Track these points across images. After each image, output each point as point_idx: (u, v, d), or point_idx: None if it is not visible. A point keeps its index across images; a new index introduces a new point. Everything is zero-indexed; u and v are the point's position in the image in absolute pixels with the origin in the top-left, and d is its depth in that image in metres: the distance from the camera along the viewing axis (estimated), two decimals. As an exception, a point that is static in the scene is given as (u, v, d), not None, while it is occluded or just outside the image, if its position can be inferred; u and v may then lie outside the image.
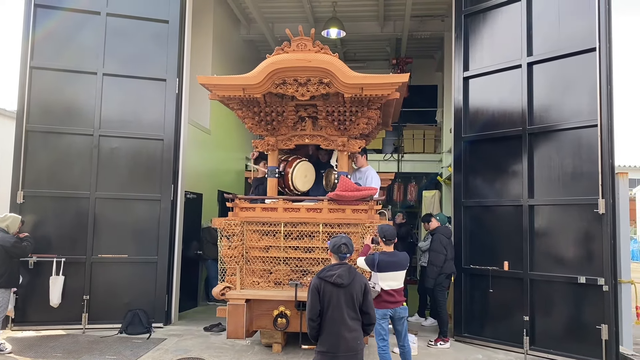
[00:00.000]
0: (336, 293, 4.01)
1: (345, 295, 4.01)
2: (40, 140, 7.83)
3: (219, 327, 7.76)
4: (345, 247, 4.18)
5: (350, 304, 4.02)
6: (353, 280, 4.06)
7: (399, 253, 5.57)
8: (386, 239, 5.48)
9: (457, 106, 7.91)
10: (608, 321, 6.13)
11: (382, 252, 5.47)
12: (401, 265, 5.48)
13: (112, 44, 8.12)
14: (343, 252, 4.17)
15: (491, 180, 7.49)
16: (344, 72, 5.87)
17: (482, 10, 7.72)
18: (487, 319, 7.32)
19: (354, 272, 4.14)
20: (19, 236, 6.97)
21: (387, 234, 5.48)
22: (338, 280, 4.00)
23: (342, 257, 4.18)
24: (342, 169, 6.61)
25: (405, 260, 5.55)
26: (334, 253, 4.22)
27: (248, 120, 6.62)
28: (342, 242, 4.19)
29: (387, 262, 5.37)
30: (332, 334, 3.98)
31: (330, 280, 4.02)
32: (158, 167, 8.18)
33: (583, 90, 6.56)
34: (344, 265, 4.13)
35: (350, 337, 3.98)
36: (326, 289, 4.02)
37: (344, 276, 4.03)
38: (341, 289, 4.01)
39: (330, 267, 4.14)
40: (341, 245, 4.18)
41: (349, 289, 4.02)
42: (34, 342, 6.96)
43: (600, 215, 6.25)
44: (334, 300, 4.00)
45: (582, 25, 6.60)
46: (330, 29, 11.68)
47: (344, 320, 3.98)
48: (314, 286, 4.09)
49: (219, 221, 6.35)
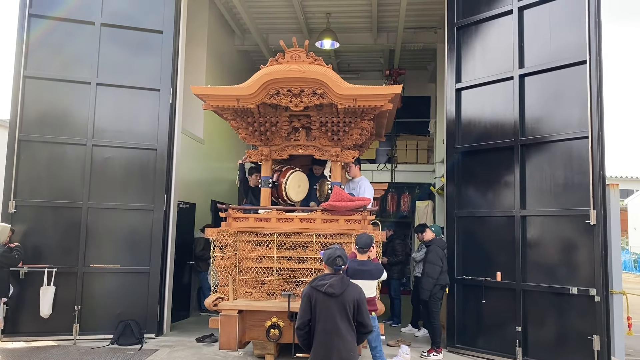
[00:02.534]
0: (328, 303, 4.00)
1: (338, 306, 4.00)
2: (33, 150, 7.81)
3: (212, 338, 7.71)
4: (341, 260, 4.18)
5: (343, 314, 4.00)
6: (346, 291, 4.05)
7: (372, 263, 5.61)
8: (359, 247, 5.54)
9: (450, 117, 7.97)
10: (600, 332, 6.16)
11: (353, 260, 5.52)
12: (371, 275, 5.51)
13: (106, 54, 8.13)
14: (338, 264, 4.17)
15: (484, 191, 7.53)
16: (338, 83, 5.90)
17: (474, 22, 7.80)
18: (479, 329, 7.33)
19: (346, 282, 4.13)
20: (9, 246, 6.92)
21: (360, 243, 5.54)
22: (329, 290, 3.99)
23: (336, 269, 4.18)
24: (335, 180, 6.63)
25: (376, 271, 5.57)
26: (328, 265, 4.21)
27: (242, 130, 6.63)
28: (337, 255, 4.19)
29: (356, 270, 5.40)
30: (323, 344, 3.97)
31: (321, 289, 4.01)
32: (151, 176, 8.16)
33: (574, 102, 6.63)
34: (337, 275, 4.13)
35: (343, 348, 3.96)
36: (318, 299, 4.02)
37: (336, 286, 4.02)
38: (333, 298, 4.00)
39: (323, 277, 4.14)
40: (336, 257, 4.17)
41: (341, 299, 4.01)
42: (24, 353, 6.88)
43: (591, 226, 6.29)
44: (326, 310, 3.99)
45: (573, 38, 6.69)
46: (324, 40, 11.78)
47: (336, 330, 3.97)
48: (305, 294, 4.08)
49: (211, 231, 6.34)
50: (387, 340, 7.50)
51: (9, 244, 7.07)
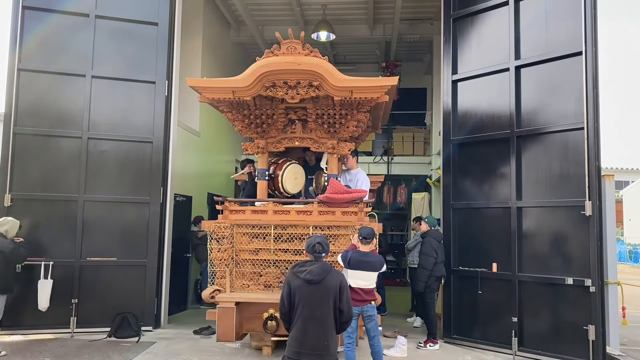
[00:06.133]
0: (307, 289, 3.97)
1: (317, 293, 3.96)
2: (29, 143, 7.77)
3: (209, 331, 7.74)
4: (320, 246, 4.17)
5: (322, 301, 3.96)
6: (326, 278, 4.00)
7: (374, 255, 5.68)
8: (362, 237, 5.59)
9: (446, 109, 7.97)
10: (595, 322, 6.21)
11: (356, 251, 5.59)
12: (372, 267, 5.57)
13: (101, 47, 8.09)
14: (317, 251, 4.15)
15: (480, 182, 7.55)
16: (334, 75, 5.89)
17: (470, 14, 7.79)
18: (476, 320, 7.37)
19: (327, 269, 4.07)
20: (15, 241, 6.86)
21: (364, 233, 5.60)
22: (308, 277, 3.97)
23: (317, 257, 4.16)
24: (332, 172, 6.63)
25: (378, 263, 5.63)
26: (309, 253, 4.21)
27: (238, 122, 6.62)
28: (316, 242, 4.19)
29: (358, 260, 5.49)
30: (299, 330, 3.95)
31: (300, 276, 4.00)
32: (147, 169, 8.15)
33: (570, 93, 6.65)
34: (317, 262, 4.10)
35: (316, 336, 3.92)
36: (297, 285, 3.99)
37: (315, 273, 3.98)
38: (312, 285, 3.97)
39: (303, 263, 4.12)
40: (315, 244, 4.17)
41: (322, 287, 3.97)
42: (22, 347, 6.89)
43: (587, 217, 6.33)
44: (305, 296, 3.95)
45: (569, 30, 6.69)
46: (320, 32, 11.72)
47: (314, 317, 3.93)
48: (286, 280, 4.08)
49: (208, 224, 6.34)
50: (384, 331, 7.54)
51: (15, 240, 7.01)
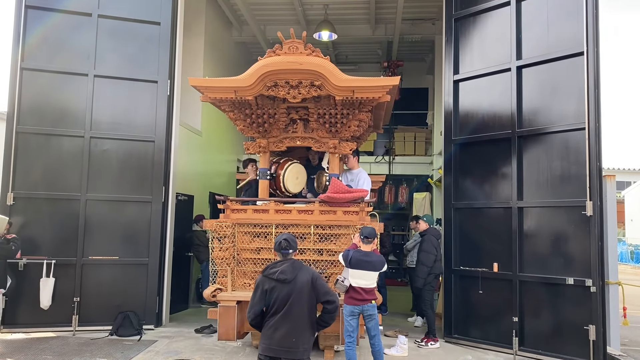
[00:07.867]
0: (281, 289, 3.99)
1: (292, 291, 3.98)
2: (31, 142, 7.80)
3: (210, 329, 7.76)
4: (286, 242, 4.18)
5: (298, 299, 3.98)
6: (297, 275, 4.03)
7: (375, 255, 5.70)
8: (364, 237, 5.61)
9: (448, 109, 7.98)
10: (596, 322, 6.21)
11: (357, 250, 5.62)
12: (373, 266, 5.59)
13: (104, 46, 8.11)
14: (283, 247, 4.17)
15: (481, 182, 7.56)
16: (335, 74, 5.90)
17: (472, 14, 7.80)
18: (476, 320, 7.38)
19: (298, 267, 4.10)
20: (6, 237, 6.95)
21: (366, 233, 5.63)
22: (281, 277, 3.99)
23: (284, 254, 4.17)
24: (333, 171, 6.64)
25: (379, 263, 5.65)
26: (277, 251, 4.23)
27: (239, 122, 6.63)
28: (282, 238, 4.21)
29: (358, 260, 5.52)
30: (270, 327, 3.99)
31: (273, 277, 4.01)
32: (149, 168, 8.17)
33: (571, 93, 6.65)
34: (287, 261, 4.13)
35: (287, 332, 3.94)
36: (271, 286, 4.01)
37: (287, 272, 4.01)
38: (286, 284, 3.99)
39: (274, 264, 4.14)
40: (281, 241, 4.19)
41: (295, 284, 3.99)
42: (23, 345, 6.92)
43: (588, 217, 6.33)
44: (279, 296, 3.97)
45: (570, 30, 6.69)
46: (322, 31, 11.74)
47: (286, 314, 3.96)
48: (257, 283, 4.09)
49: (210, 223, 6.35)
50: (384, 330, 7.56)
51: (6, 236, 7.08)
